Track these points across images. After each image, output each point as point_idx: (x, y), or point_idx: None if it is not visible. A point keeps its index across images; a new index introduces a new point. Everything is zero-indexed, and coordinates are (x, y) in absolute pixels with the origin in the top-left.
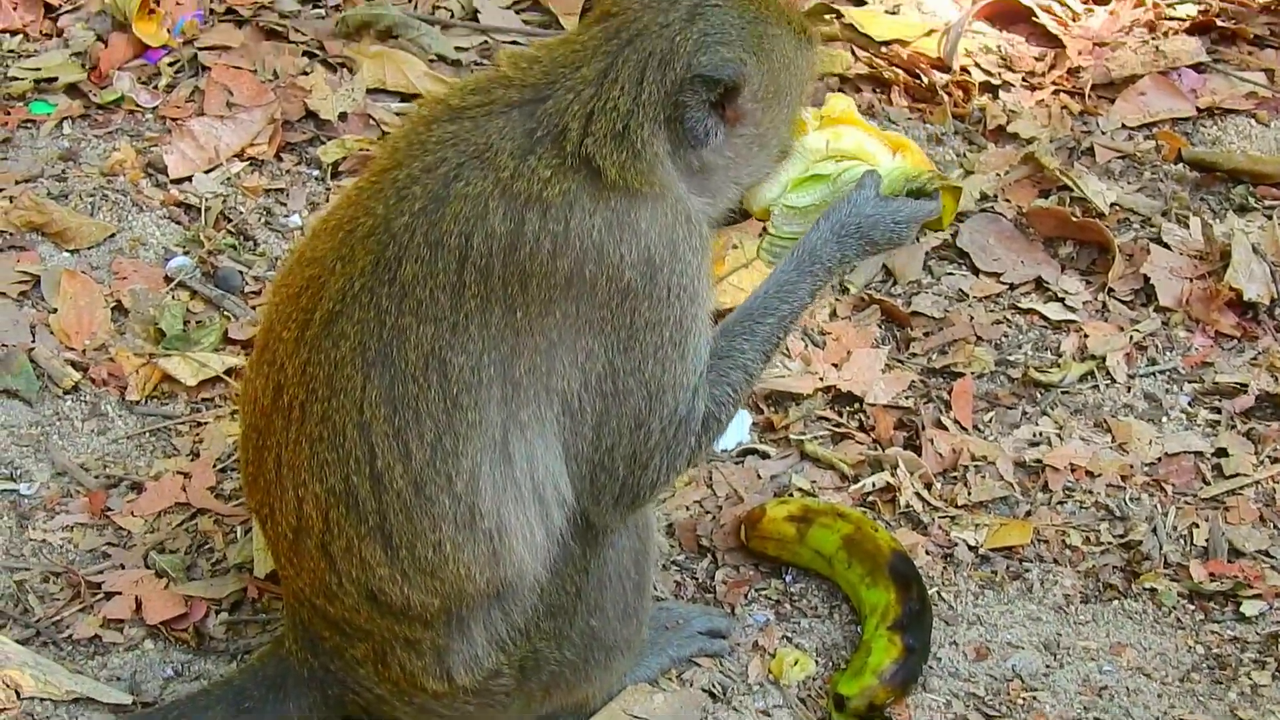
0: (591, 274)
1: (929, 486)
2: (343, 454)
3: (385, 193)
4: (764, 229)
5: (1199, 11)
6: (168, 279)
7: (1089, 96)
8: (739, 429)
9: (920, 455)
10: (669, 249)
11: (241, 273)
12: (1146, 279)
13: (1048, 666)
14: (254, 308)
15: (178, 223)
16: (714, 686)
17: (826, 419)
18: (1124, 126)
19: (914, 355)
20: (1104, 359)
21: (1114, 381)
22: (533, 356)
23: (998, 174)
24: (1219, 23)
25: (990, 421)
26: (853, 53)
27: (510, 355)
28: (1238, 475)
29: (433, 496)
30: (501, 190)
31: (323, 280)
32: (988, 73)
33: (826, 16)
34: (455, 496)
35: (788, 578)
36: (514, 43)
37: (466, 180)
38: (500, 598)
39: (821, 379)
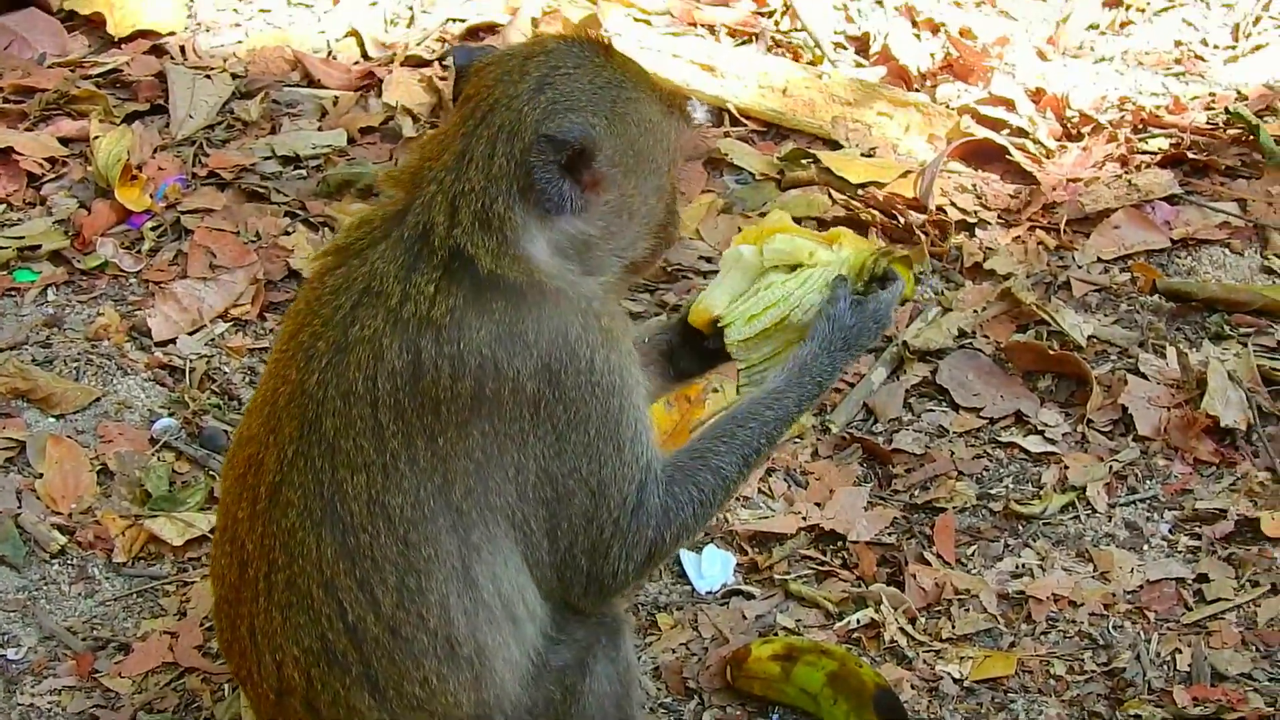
0: (494, 391)
1: (913, 621)
2: (314, 615)
3: (296, 357)
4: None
5: (1170, 145)
6: (153, 441)
7: (1064, 231)
8: (724, 571)
9: (903, 590)
10: (565, 351)
11: (226, 432)
12: (1125, 409)
13: None
14: None
15: (163, 385)
16: None
17: (810, 558)
18: (1099, 260)
19: (896, 492)
20: (1084, 489)
21: (1095, 511)
22: (466, 480)
23: (975, 310)
24: (1190, 155)
25: (973, 555)
26: (830, 195)
27: (444, 484)
28: (1219, 600)
29: (410, 636)
30: (393, 322)
31: (260, 456)
32: (964, 211)
33: (804, 161)
34: (431, 632)
35: (774, 717)
36: None
37: (361, 323)
38: None
39: (804, 518)
